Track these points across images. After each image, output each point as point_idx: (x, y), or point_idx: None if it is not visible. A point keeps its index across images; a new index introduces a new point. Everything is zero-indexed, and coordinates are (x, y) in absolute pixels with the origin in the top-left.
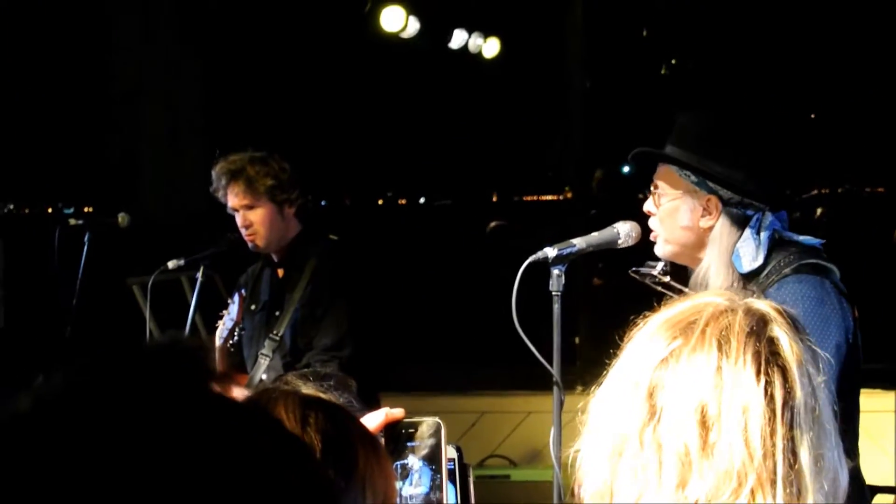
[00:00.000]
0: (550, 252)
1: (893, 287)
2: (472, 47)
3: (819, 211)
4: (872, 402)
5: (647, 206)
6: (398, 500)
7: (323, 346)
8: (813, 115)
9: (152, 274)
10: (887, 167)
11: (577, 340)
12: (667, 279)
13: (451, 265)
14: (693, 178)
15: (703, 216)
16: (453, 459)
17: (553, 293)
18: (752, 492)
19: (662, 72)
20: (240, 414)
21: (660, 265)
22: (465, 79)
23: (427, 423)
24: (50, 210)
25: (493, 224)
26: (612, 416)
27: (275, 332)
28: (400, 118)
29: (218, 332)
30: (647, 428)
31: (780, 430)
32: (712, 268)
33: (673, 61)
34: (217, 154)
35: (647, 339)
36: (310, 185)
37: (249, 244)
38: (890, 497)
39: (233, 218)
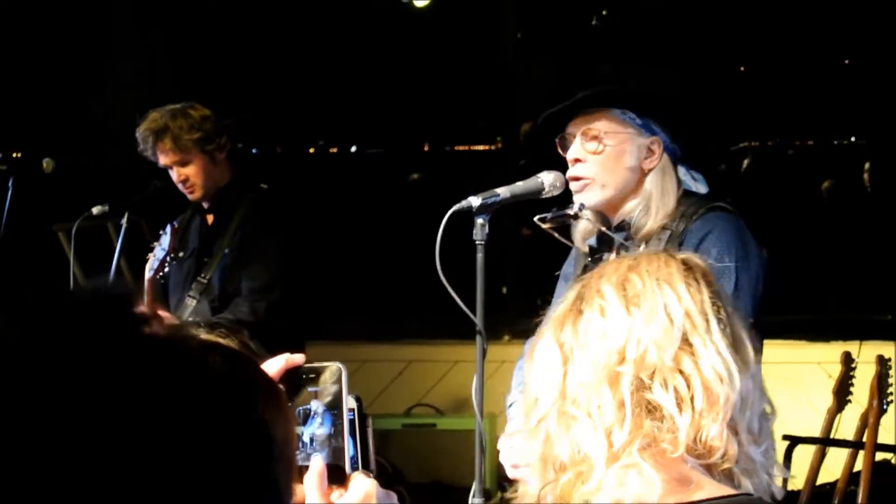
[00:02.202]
0: (474, 201)
1: (819, 240)
2: None
3: (745, 163)
4: (796, 353)
5: (577, 153)
6: (299, 444)
7: (251, 288)
8: (742, 69)
9: (77, 219)
10: (817, 120)
11: (504, 290)
12: (587, 215)
13: (381, 215)
14: (638, 120)
15: (646, 157)
16: (353, 409)
17: (477, 242)
18: (687, 330)
19: (593, 22)
20: (170, 358)
21: (574, 206)
22: (398, 26)
23: (330, 370)
24: None
25: (414, 177)
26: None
27: (203, 275)
28: (332, 66)
29: (148, 265)
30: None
31: (706, 290)
32: (650, 207)
33: (604, 12)
34: (137, 115)
35: (560, 307)
36: (240, 132)
37: (189, 196)
38: (811, 448)
39: (155, 164)
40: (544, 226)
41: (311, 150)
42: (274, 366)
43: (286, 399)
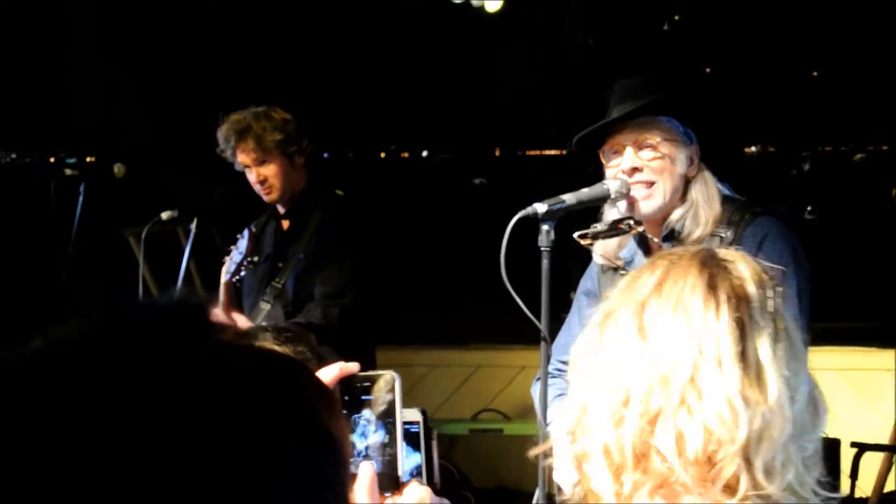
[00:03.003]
0: (540, 207)
1: (891, 246)
2: (474, 1)
3: (806, 167)
4: (867, 359)
5: (635, 162)
6: (353, 453)
7: (324, 294)
8: (815, 73)
9: (147, 224)
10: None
11: (572, 295)
12: (641, 228)
13: (450, 219)
14: (681, 128)
15: (689, 165)
16: (418, 423)
17: (542, 248)
18: (695, 363)
19: (665, 28)
20: (239, 367)
21: (625, 217)
22: (468, 33)
23: (384, 378)
24: (52, 160)
25: (476, 181)
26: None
27: (277, 279)
28: (403, 71)
29: (224, 268)
30: (595, 343)
31: (725, 311)
32: (699, 214)
33: (676, 17)
34: (221, 115)
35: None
36: (314, 136)
37: (265, 198)
38: (881, 455)
39: (226, 169)
40: (584, 242)
41: (382, 155)
42: (328, 374)
43: (340, 408)
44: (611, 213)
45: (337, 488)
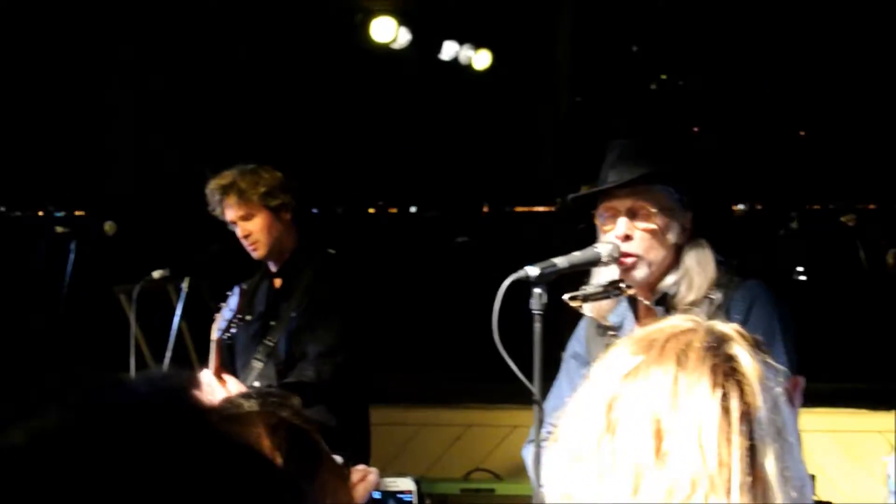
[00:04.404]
0: (532, 271)
1: (882, 307)
2: (462, 59)
3: (793, 225)
4: (857, 421)
5: (627, 230)
6: None
7: (317, 353)
8: (802, 133)
9: (138, 281)
10: (881, 184)
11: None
12: (632, 292)
13: (439, 276)
14: (677, 195)
15: (682, 232)
16: (412, 492)
17: (534, 312)
18: (706, 496)
19: (652, 87)
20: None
21: (614, 273)
22: (456, 90)
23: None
24: (41, 213)
25: (458, 240)
26: (575, 427)
27: (269, 338)
28: (391, 128)
29: (215, 325)
30: (605, 437)
31: (737, 440)
32: (693, 281)
33: (663, 77)
34: (207, 173)
35: (612, 357)
36: (302, 193)
37: (253, 254)
38: None
39: (218, 228)
40: (574, 304)
41: (371, 211)
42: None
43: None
44: (601, 275)
45: None
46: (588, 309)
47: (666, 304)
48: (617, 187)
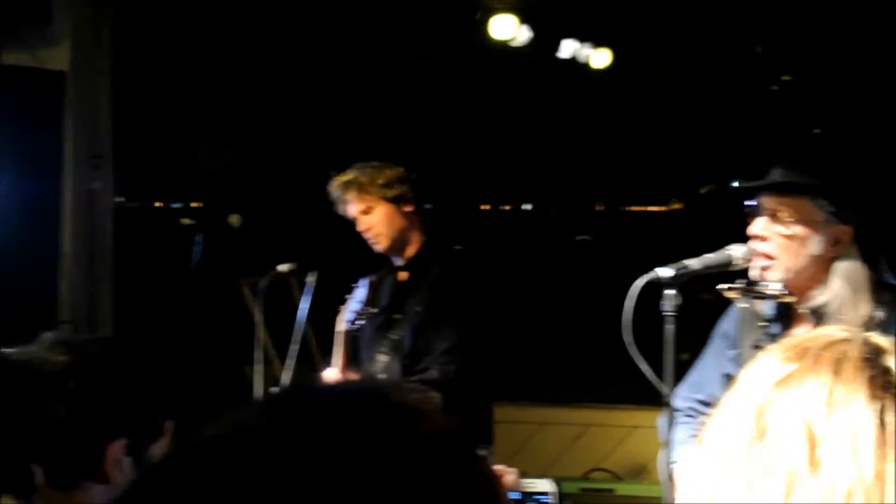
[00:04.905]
0: (665, 273)
1: None
2: (581, 57)
3: None
4: None
5: (761, 230)
6: None
7: (442, 350)
8: None
9: (262, 274)
10: None
11: (684, 357)
12: (792, 300)
13: (555, 274)
14: (830, 208)
15: (833, 245)
16: (551, 493)
17: (666, 314)
18: None
19: (773, 88)
20: (444, 459)
21: (778, 285)
22: (574, 88)
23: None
24: (159, 205)
25: (579, 238)
26: (721, 434)
27: (394, 332)
28: (505, 126)
29: (341, 317)
30: (754, 445)
31: (892, 455)
32: (846, 299)
33: (785, 77)
34: (331, 172)
35: (762, 364)
36: (426, 189)
37: (375, 248)
38: None
39: (344, 225)
40: (729, 294)
41: (484, 208)
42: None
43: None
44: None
45: None
46: (743, 300)
47: (819, 315)
48: (760, 187)
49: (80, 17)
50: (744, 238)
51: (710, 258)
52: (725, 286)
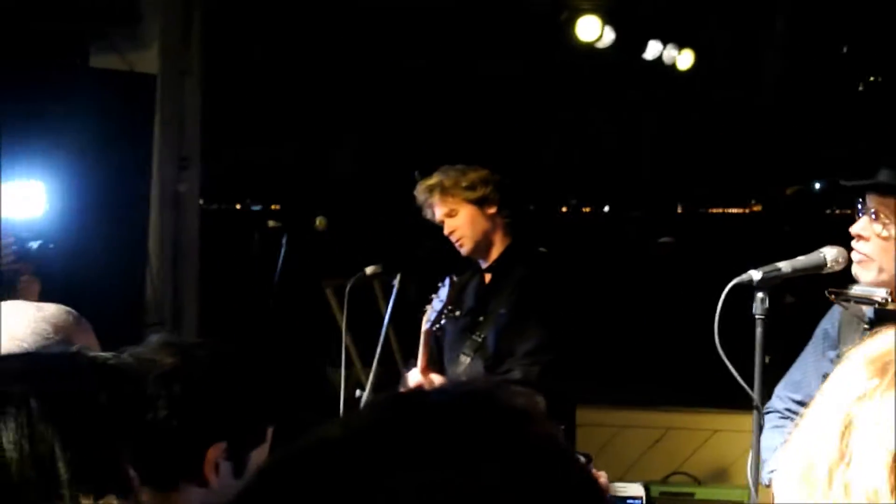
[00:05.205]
0: (755, 275)
1: None
2: (666, 59)
3: None
4: None
5: (861, 230)
6: None
7: (525, 351)
8: None
9: (345, 276)
10: None
11: (766, 360)
12: (893, 307)
13: (634, 276)
14: None
15: None
16: (641, 497)
17: (756, 316)
18: None
19: (860, 88)
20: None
21: (882, 291)
22: (657, 89)
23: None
24: (238, 206)
25: (662, 240)
26: (807, 446)
27: (478, 333)
28: (586, 126)
29: (425, 317)
30: (838, 468)
31: None
32: None
33: (871, 79)
34: (416, 176)
35: (846, 374)
36: (513, 192)
37: (461, 251)
38: None
39: (431, 226)
40: (836, 300)
41: (564, 209)
42: None
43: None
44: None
45: None
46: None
47: None
48: (864, 186)
49: (169, 19)
50: (826, 241)
51: (801, 261)
52: (832, 291)
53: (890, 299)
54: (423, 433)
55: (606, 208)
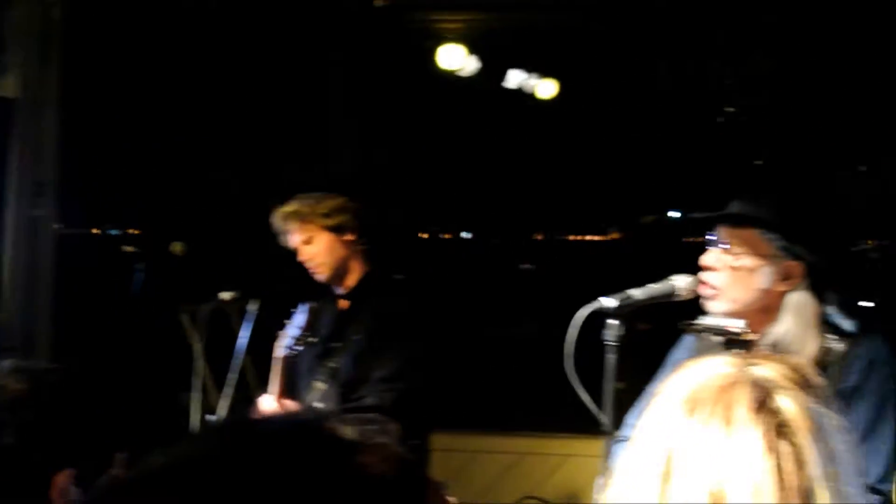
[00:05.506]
0: (609, 302)
1: None
2: (526, 87)
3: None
4: None
5: (711, 261)
6: None
7: (379, 377)
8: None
9: (203, 302)
10: None
11: (620, 386)
12: (751, 338)
13: (491, 303)
14: (779, 242)
15: (783, 280)
16: None
17: (608, 343)
18: None
19: (718, 120)
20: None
21: (739, 322)
22: (516, 118)
23: None
24: (96, 231)
25: (522, 267)
26: (629, 494)
27: (333, 360)
28: (444, 154)
29: (279, 342)
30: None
31: (793, 496)
32: (796, 334)
33: (730, 110)
34: (274, 204)
35: (661, 412)
36: (372, 220)
37: (317, 277)
38: None
39: (289, 252)
40: (689, 331)
41: (424, 236)
42: None
43: None
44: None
45: None
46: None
47: (774, 350)
48: (712, 218)
49: (28, 44)
50: (682, 269)
51: (654, 288)
52: (685, 324)
53: (748, 330)
54: (246, 464)
55: (466, 234)
